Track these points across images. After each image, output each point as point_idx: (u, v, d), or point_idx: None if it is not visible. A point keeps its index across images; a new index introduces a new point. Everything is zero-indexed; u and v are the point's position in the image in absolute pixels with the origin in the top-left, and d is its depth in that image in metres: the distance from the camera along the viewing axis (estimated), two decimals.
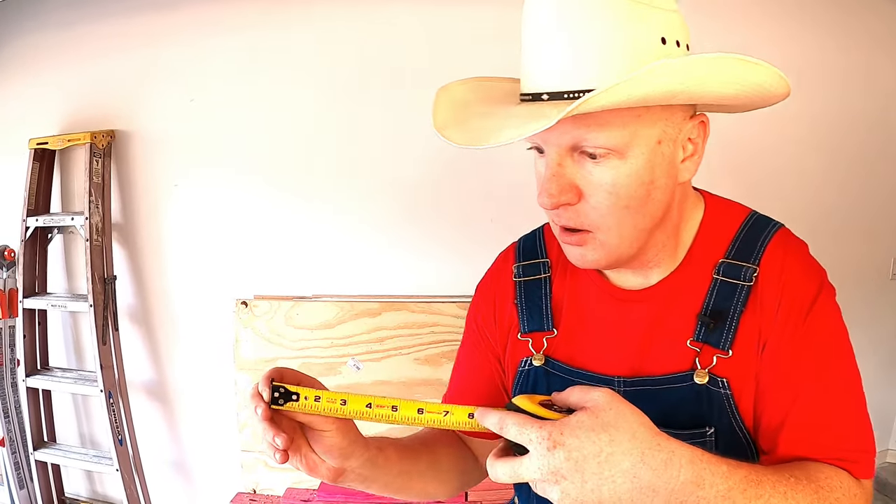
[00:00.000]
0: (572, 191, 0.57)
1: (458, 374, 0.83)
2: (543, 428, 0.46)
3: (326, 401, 0.56)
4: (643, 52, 0.54)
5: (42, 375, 1.72)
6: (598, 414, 0.47)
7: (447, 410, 0.55)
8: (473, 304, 0.80)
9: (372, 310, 1.54)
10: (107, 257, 1.67)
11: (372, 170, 1.61)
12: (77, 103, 1.68)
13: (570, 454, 0.45)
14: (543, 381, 0.70)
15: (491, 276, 0.79)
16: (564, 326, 0.70)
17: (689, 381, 0.62)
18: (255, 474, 1.61)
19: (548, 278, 0.72)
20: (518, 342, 0.72)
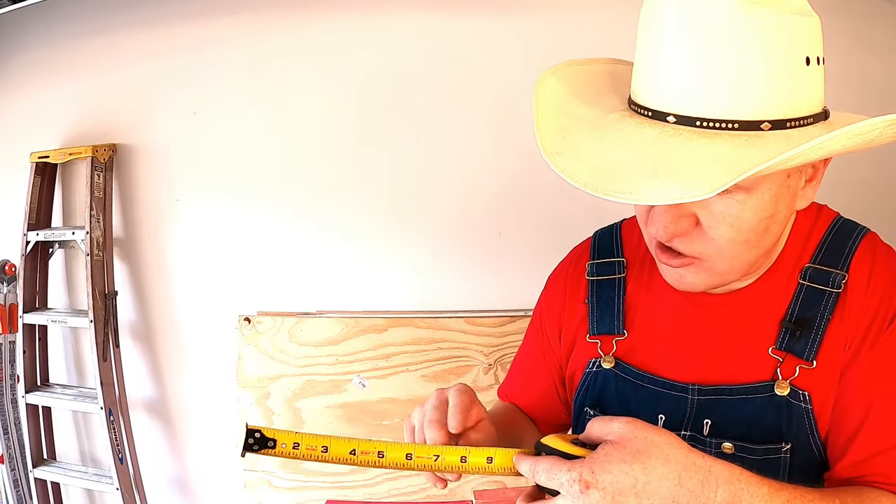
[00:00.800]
0: (689, 220, 0.54)
1: (514, 369, 0.82)
2: (573, 469, 0.44)
3: (306, 448, 0.52)
4: (789, 75, 0.49)
5: (42, 392, 1.69)
6: (626, 444, 0.45)
7: (437, 454, 0.53)
8: (542, 297, 0.78)
9: (377, 325, 1.50)
10: (108, 272, 1.64)
11: (376, 183, 1.57)
12: (78, 117, 1.66)
13: (605, 492, 0.43)
14: (613, 385, 0.67)
15: (563, 270, 0.76)
16: (637, 329, 0.67)
17: (769, 391, 0.58)
18: (258, 493, 1.56)
19: (622, 279, 0.69)
20: (587, 343, 0.69)
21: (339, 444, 0.52)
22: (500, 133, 1.54)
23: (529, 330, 0.80)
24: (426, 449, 0.54)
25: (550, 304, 0.75)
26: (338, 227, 1.59)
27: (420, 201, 1.57)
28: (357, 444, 0.52)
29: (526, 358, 0.80)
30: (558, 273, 0.77)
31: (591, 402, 0.68)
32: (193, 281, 1.64)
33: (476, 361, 1.52)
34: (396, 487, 1.53)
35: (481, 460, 0.52)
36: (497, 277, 1.56)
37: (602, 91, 0.61)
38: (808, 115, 0.51)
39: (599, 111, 0.57)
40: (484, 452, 0.53)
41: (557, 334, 0.73)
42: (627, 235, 0.72)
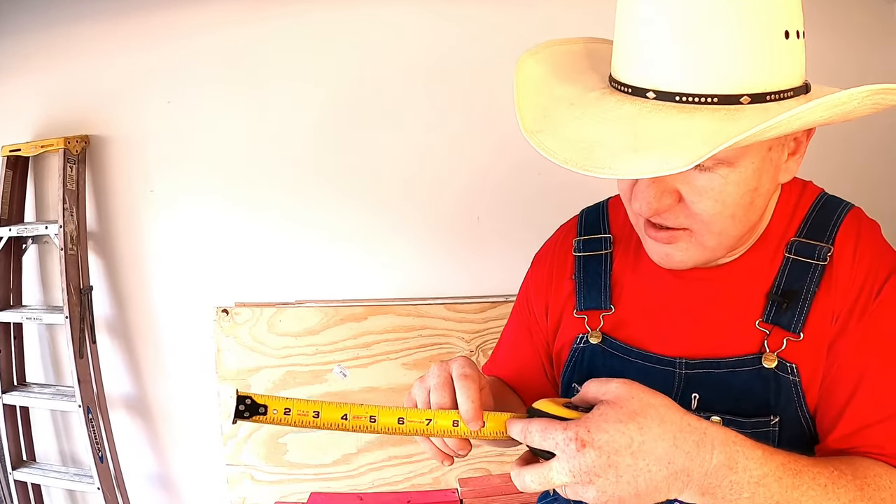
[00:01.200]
0: (672, 196, 0.53)
1: (499, 347, 0.82)
2: (568, 429, 0.44)
3: (297, 413, 0.51)
4: (769, 49, 0.48)
5: (19, 392, 1.65)
6: (623, 404, 0.45)
7: (429, 418, 0.52)
8: (528, 275, 0.78)
9: (357, 314, 1.48)
10: (82, 267, 1.60)
11: (353, 170, 1.54)
12: (51, 109, 1.62)
13: (600, 451, 0.43)
14: (600, 359, 0.67)
15: (550, 248, 0.76)
16: (624, 304, 0.67)
17: (757, 364, 0.58)
18: (241, 488, 1.54)
19: (609, 254, 0.69)
20: (573, 319, 0.69)
21: (330, 410, 0.52)
22: (477, 119, 1.51)
23: (515, 308, 0.79)
24: (418, 413, 0.53)
25: (537, 282, 0.74)
26: (315, 216, 1.56)
27: (398, 188, 1.54)
28: (349, 408, 0.52)
29: (512, 335, 0.79)
30: (545, 251, 0.77)
31: (579, 377, 0.68)
32: (170, 273, 1.61)
33: (457, 348, 1.50)
34: (381, 478, 1.51)
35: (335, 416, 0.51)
36: (477, 263, 1.54)
37: (581, 70, 0.60)
38: (787, 88, 0.50)
39: (579, 89, 0.57)
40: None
41: (544, 311, 0.73)
42: (614, 213, 0.72)
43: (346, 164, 1.54)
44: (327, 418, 0.51)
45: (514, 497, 1.49)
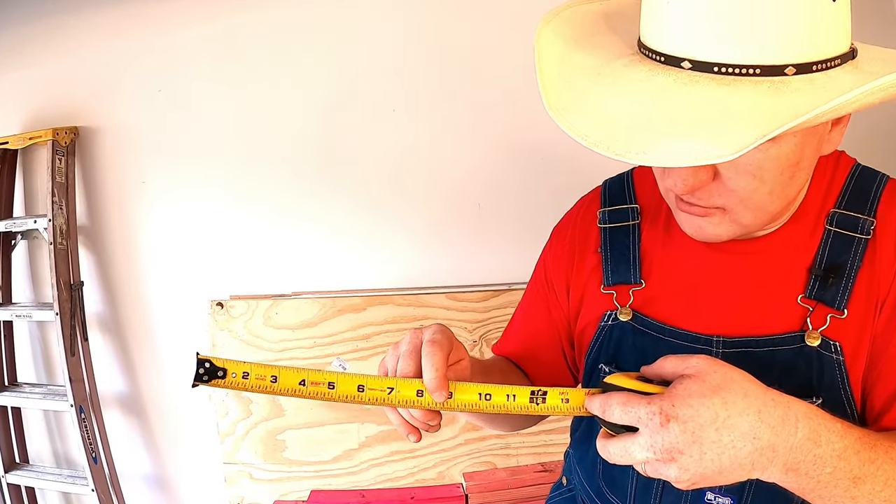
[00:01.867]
0: (707, 172, 0.48)
1: (513, 327, 0.77)
2: (652, 403, 0.43)
3: (255, 377, 0.50)
4: (816, 14, 0.43)
5: (10, 392, 1.59)
6: (705, 378, 0.43)
7: (391, 387, 0.50)
8: (547, 250, 0.72)
9: (356, 305, 1.42)
10: (73, 262, 1.54)
11: (350, 159, 1.49)
12: (39, 100, 1.56)
13: (685, 426, 0.41)
14: (630, 338, 0.62)
15: (571, 220, 0.71)
16: (655, 279, 0.62)
17: (800, 342, 0.54)
18: (239, 487, 1.48)
19: (636, 225, 0.64)
20: (600, 295, 0.64)
21: (288, 375, 0.50)
22: (476, 103, 1.46)
23: (531, 285, 0.74)
24: (379, 381, 0.51)
25: (557, 256, 0.69)
26: (311, 206, 1.50)
27: (396, 176, 1.49)
28: (307, 374, 0.51)
29: (527, 313, 0.74)
30: (565, 224, 0.71)
31: (607, 357, 0.63)
32: (163, 267, 1.55)
33: (460, 338, 1.42)
34: (383, 473, 1.46)
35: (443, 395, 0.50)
36: (478, 251, 1.48)
37: (605, 35, 0.55)
38: (834, 55, 0.45)
39: (604, 57, 0.52)
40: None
41: (565, 288, 0.68)
42: (640, 182, 0.67)
43: (343, 152, 1.48)
44: (285, 384, 0.50)
45: (521, 491, 1.44)
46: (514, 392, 0.50)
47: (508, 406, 0.50)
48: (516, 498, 1.43)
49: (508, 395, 0.50)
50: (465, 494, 1.42)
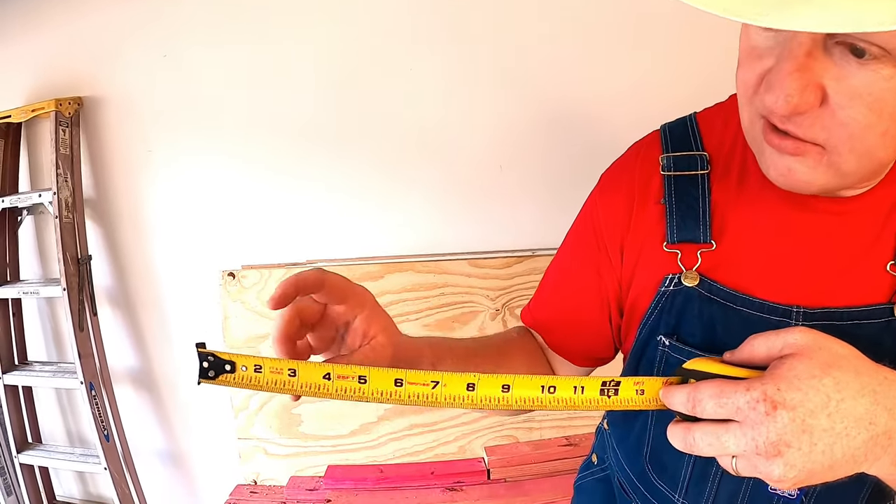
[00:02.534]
0: (817, 93, 0.39)
1: (549, 288, 0.66)
2: (753, 389, 0.37)
3: (270, 370, 0.43)
4: None
5: (20, 371, 1.54)
6: (812, 355, 0.37)
7: (436, 381, 0.43)
8: (596, 200, 0.61)
9: (373, 272, 1.35)
10: (79, 235, 1.48)
11: (366, 120, 1.41)
12: (42, 71, 1.49)
13: (794, 413, 0.36)
14: (695, 306, 0.53)
15: (628, 164, 0.60)
16: (727, 240, 0.53)
17: (888, 315, 0.47)
18: (254, 463, 1.42)
19: (706, 176, 0.54)
20: (661, 254, 0.55)
21: (309, 368, 0.43)
22: (498, 60, 1.37)
23: (572, 243, 0.64)
24: (421, 374, 0.44)
25: (611, 206, 0.59)
26: (326, 170, 1.42)
27: (414, 137, 1.40)
28: (332, 366, 0.43)
29: (569, 277, 0.63)
30: (619, 169, 0.60)
31: (666, 328, 0.54)
32: (172, 238, 1.48)
33: (482, 307, 1.37)
34: (402, 448, 1.40)
35: (495, 391, 0.43)
36: (501, 215, 1.40)
37: None
38: None
39: None
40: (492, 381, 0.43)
41: (619, 244, 0.58)
42: (706, 128, 0.57)
43: (357, 114, 1.40)
44: (306, 378, 0.43)
45: (544, 465, 1.38)
46: (581, 384, 0.43)
47: (575, 400, 0.43)
48: (540, 473, 1.37)
49: (576, 387, 0.43)
50: (487, 469, 1.37)
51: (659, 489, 0.58)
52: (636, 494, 0.62)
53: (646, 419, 0.59)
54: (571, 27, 1.33)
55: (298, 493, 1.36)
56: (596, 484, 0.73)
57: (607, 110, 1.34)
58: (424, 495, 1.32)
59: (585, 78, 1.35)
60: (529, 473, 1.37)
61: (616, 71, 1.35)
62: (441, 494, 1.32)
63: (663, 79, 1.33)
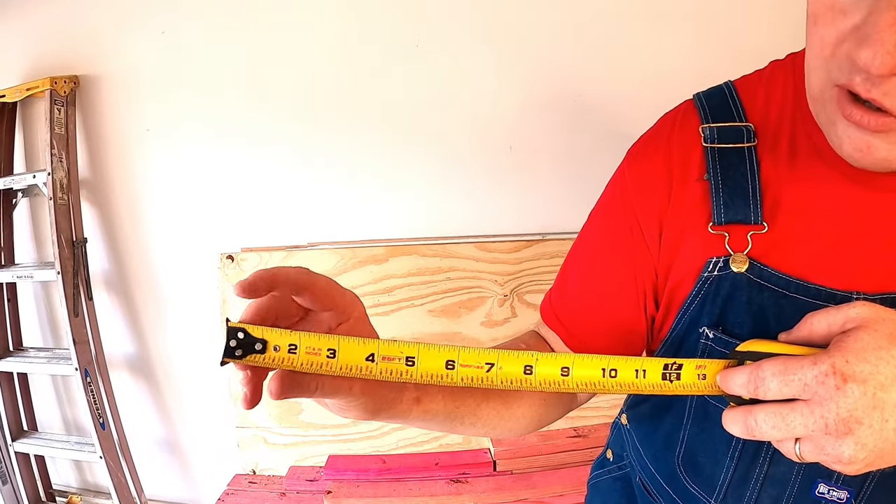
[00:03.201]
0: None
1: (573, 278, 0.58)
2: (820, 363, 0.34)
3: (306, 351, 0.38)
4: None
5: (15, 357, 1.49)
6: (877, 327, 0.35)
7: (491, 362, 0.40)
8: (625, 174, 0.53)
9: (377, 256, 1.29)
10: (75, 217, 1.42)
11: (370, 97, 1.34)
12: (37, 50, 1.44)
13: (864, 387, 0.33)
14: (744, 294, 0.47)
15: (663, 134, 0.52)
16: (781, 221, 0.47)
17: None
18: (253, 453, 1.37)
19: (753, 149, 0.48)
20: (706, 237, 0.48)
21: (351, 347, 0.38)
22: (508, 36, 1.30)
23: (598, 224, 0.56)
24: (474, 353, 0.40)
25: (645, 184, 0.51)
26: (328, 150, 1.37)
27: (420, 115, 1.34)
28: (376, 345, 0.39)
29: (596, 262, 0.56)
30: (652, 140, 0.53)
31: (710, 319, 0.48)
32: (169, 220, 1.43)
33: (490, 292, 1.31)
34: (406, 438, 1.34)
35: (554, 372, 0.40)
36: (510, 197, 1.34)
37: None
38: None
39: None
40: (558, 360, 0.40)
41: (657, 225, 0.51)
42: (748, 97, 0.50)
43: (361, 91, 1.33)
44: (347, 359, 0.38)
45: (552, 457, 1.32)
46: (643, 367, 0.40)
47: (637, 385, 0.39)
48: (547, 465, 1.31)
49: (637, 370, 0.39)
50: (493, 461, 1.31)
51: (691, 492, 0.53)
52: (662, 497, 0.56)
53: (678, 415, 0.53)
54: (588, 2, 1.27)
55: (298, 484, 1.30)
56: (613, 483, 0.67)
57: (624, 91, 1.28)
58: (428, 487, 1.26)
59: (602, 57, 1.29)
60: (537, 465, 1.31)
61: (635, 51, 1.29)
62: (445, 486, 1.27)
63: (685, 62, 1.27)
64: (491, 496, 1.24)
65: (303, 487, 1.30)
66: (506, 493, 1.25)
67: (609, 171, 0.56)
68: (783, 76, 0.49)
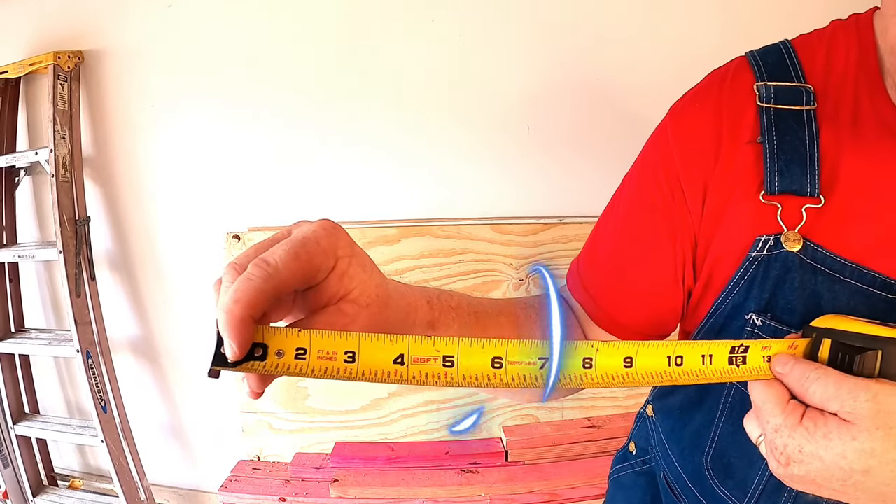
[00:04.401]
0: None
1: (603, 246, 0.51)
2: (780, 432, 0.32)
3: (317, 356, 0.30)
4: None
5: (16, 339, 1.44)
6: (858, 435, 0.31)
7: (545, 357, 0.33)
8: (664, 133, 0.47)
9: (389, 236, 1.23)
10: (78, 195, 1.36)
11: (383, 73, 1.28)
12: (41, 25, 1.38)
13: (806, 473, 0.32)
14: (796, 277, 0.40)
15: (710, 92, 0.46)
16: (839, 195, 0.40)
17: None
18: (258, 438, 1.31)
19: (812, 112, 0.41)
20: (756, 206, 0.41)
21: (374, 348, 0.31)
22: (525, 11, 1.23)
23: (633, 186, 0.50)
24: (524, 349, 0.33)
25: (691, 141, 0.45)
26: (339, 127, 1.30)
27: (434, 93, 1.27)
28: (406, 344, 0.31)
29: (630, 228, 0.49)
30: (700, 96, 0.46)
31: (758, 304, 0.42)
32: (175, 198, 1.37)
33: (505, 276, 1.25)
34: (415, 425, 1.28)
35: (616, 365, 0.34)
36: (527, 178, 1.28)
37: None
38: None
39: None
40: (618, 350, 0.34)
41: (701, 187, 0.44)
42: (806, 57, 0.44)
43: (375, 67, 1.27)
44: (370, 363, 0.31)
45: (566, 448, 1.26)
46: (710, 351, 0.35)
47: (703, 373, 0.35)
48: (560, 456, 1.26)
49: (703, 356, 0.35)
50: (505, 450, 1.25)
51: (719, 495, 0.47)
52: (688, 497, 0.50)
53: (711, 411, 0.47)
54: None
55: (303, 471, 1.25)
56: (636, 478, 0.60)
57: (643, 79, 1.21)
58: (438, 476, 1.20)
59: (623, 38, 1.22)
60: (549, 456, 1.25)
61: (657, 33, 1.22)
62: (456, 476, 1.21)
63: (706, 44, 1.20)
64: (502, 487, 1.18)
65: (308, 475, 1.24)
66: (518, 485, 1.19)
67: (629, 154, 0.50)
68: (846, 37, 0.43)
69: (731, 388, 0.45)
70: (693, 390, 0.49)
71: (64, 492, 1.47)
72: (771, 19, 1.20)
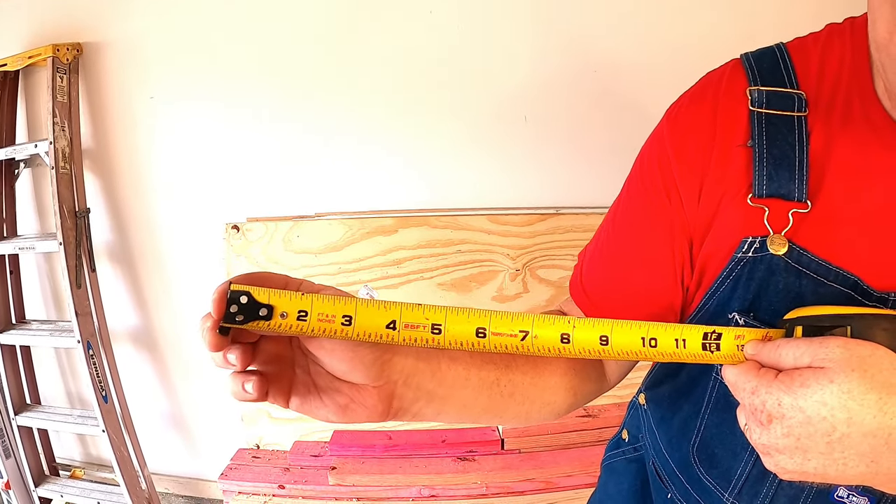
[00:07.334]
0: None
1: (606, 250, 0.50)
2: (757, 394, 0.33)
3: (317, 318, 0.33)
4: None
5: (17, 330, 1.42)
6: (834, 377, 0.31)
7: (525, 330, 0.36)
8: (660, 136, 0.46)
9: (386, 227, 1.21)
10: (77, 187, 1.34)
11: (381, 65, 1.26)
12: (40, 17, 1.35)
13: (790, 430, 0.32)
14: (781, 279, 0.40)
15: (708, 92, 0.45)
16: (824, 200, 0.40)
17: None
18: (257, 427, 1.29)
19: (803, 119, 0.41)
20: (744, 209, 0.41)
21: (370, 313, 0.34)
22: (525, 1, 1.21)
23: (633, 191, 0.49)
24: (506, 320, 0.35)
25: (686, 144, 0.45)
26: (336, 117, 1.28)
27: (433, 83, 1.25)
28: (398, 310, 0.34)
29: (631, 233, 0.49)
30: (695, 99, 0.46)
31: (742, 304, 0.42)
32: (174, 189, 1.35)
33: (502, 266, 1.23)
34: None
35: (592, 340, 0.36)
36: (524, 169, 1.26)
37: None
38: None
39: None
40: (592, 327, 0.36)
41: (696, 189, 0.44)
42: (800, 61, 0.43)
43: (372, 58, 1.25)
44: (365, 326, 0.34)
45: (561, 437, 1.25)
46: (682, 336, 0.36)
47: (678, 354, 0.36)
48: (556, 444, 1.24)
49: (677, 340, 0.36)
50: (501, 439, 1.24)
51: (704, 483, 0.47)
52: (675, 485, 0.50)
53: (697, 402, 0.47)
54: None
55: (302, 459, 1.23)
56: (627, 465, 0.61)
57: (642, 73, 1.19)
58: (435, 464, 1.19)
59: (621, 29, 1.20)
60: (545, 445, 1.24)
61: (655, 24, 1.20)
62: (452, 464, 1.19)
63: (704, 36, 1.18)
64: (498, 475, 1.17)
65: (307, 463, 1.22)
66: (513, 472, 1.17)
67: (627, 146, 0.50)
68: (840, 42, 0.42)
69: (715, 382, 0.45)
70: (683, 381, 0.49)
71: (66, 481, 1.45)
72: (767, 11, 1.18)
